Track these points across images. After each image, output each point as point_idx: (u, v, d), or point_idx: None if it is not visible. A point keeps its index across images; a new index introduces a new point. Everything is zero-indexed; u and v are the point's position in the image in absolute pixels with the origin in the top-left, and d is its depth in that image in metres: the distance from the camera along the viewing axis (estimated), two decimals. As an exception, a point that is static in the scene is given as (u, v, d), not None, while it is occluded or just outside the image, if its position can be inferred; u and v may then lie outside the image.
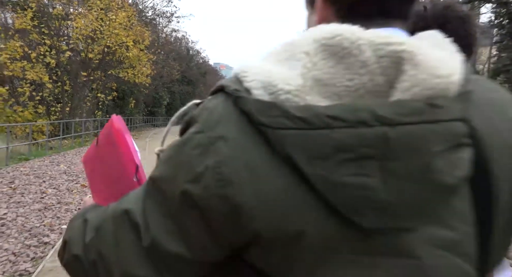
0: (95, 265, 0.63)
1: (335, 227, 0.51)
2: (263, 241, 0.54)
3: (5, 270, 3.78)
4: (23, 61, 17.67)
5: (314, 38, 0.55)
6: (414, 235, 0.53)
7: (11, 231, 4.91)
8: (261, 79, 0.55)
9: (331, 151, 0.50)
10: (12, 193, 7.03)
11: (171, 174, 0.57)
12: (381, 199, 0.50)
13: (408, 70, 0.51)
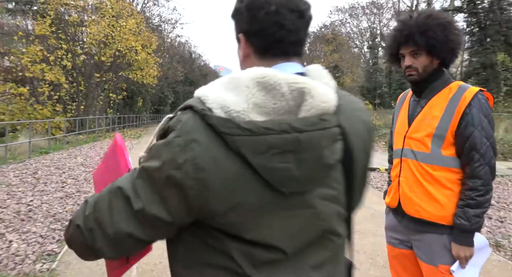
0: (92, 232, 0.81)
1: (269, 194, 0.77)
2: (222, 209, 0.76)
3: (34, 250, 3.85)
4: (43, 64, 17.62)
5: (251, 77, 0.79)
6: (312, 194, 0.82)
7: (37, 216, 4.96)
8: (218, 102, 0.78)
9: (266, 148, 0.74)
10: (36, 182, 7.08)
11: (159, 164, 0.77)
12: (295, 175, 0.77)
13: (308, 99, 0.78)
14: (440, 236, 1.67)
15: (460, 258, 1.63)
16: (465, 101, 1.61)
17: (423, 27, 1.67)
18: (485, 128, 1.60)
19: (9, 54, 18.46)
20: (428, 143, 1.68)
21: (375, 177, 8.27)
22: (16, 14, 24.75)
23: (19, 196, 6.01)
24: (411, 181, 1.73)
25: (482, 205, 1.60)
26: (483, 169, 1.59)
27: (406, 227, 1.79)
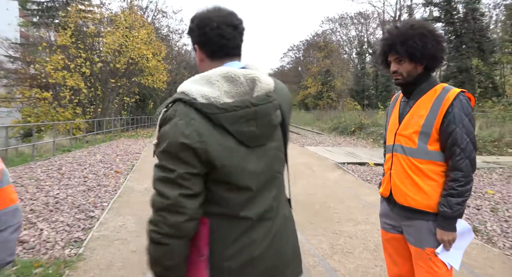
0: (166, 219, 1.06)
1: (243, 149, 1.08)
2: (219, 163, 1.04)
3: (63, 237, 3.89)
4: (64, 71, 17.64)
5: (218, 74, 1.07)
6: (267, 146, 1.15)
7: (64, 207, 4.98)
8: (199, 93, 1.05)
9: (237, 119, 1.05)
10: (61, 177, 7.10)
11: (173, 138, 1.02)
12: (257, 134, 1.09)
13: (258, 84, 1.09)
14: (427, 222, 1.70)
15: (444, 241, 1.66)
16: (448, 102, 1.63)
17: (404, 37, 1.69)
18: (465, 125, 1.61)
19: (34, 63, 18.45)
20: (415, 139, 1.70)
21: (365, 171, 8.30)
22: (40, 26, 24.71)
23: (47, 189, 6.03)
24: (401, 173, 1.76)
25: (463, 194, 1.62)
26: (463, 162, 1.61)
27: (397, 214, 1.82)
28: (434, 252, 1.68)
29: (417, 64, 1.72)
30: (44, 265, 3.18)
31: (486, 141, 11.81)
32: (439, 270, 1.68)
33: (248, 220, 1.11)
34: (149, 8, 31.41)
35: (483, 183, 6.80)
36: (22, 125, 16.92)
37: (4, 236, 1.02)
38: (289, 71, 55.50)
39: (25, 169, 7.95)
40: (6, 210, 1.03)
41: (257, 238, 1.12)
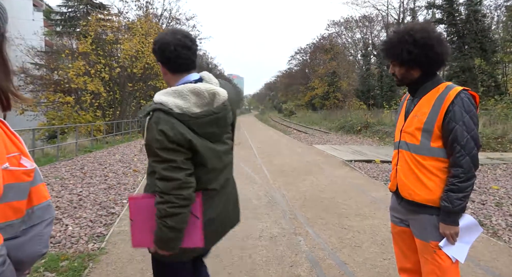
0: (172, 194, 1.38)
1: (209, 144, 1.42)
2: (199, 149, 1.37)
3: (86, 232, 3.94)
4: (85, 76, 17.86)
5: (188, 89, 1.36)
6: (224, 137, 1.52)
7: (87, 204, 5.05)
8: (174, 104, 1.34)
9: (204, 124, 1.37)
10: (84, 176, 7.19)
11: (165, 139, 1.30)
12: (218, 133, 1.45)
13: (217, 96, 1.40)
14: (431, 217, 1.68)
15: (446, 235, 1.64)
16: (449, 100, 1.61)
17: (393, 44, 1.72)
18: (466, 123, 1.58)
19: (58, 69, 18.76)
20: (418, 135, 1.68)
21: (372, 168, 8.22)
22: (63, 35, 25.13)
23: (70, 187, 6.12)
24: (406, 169, 1.74)
25: (464, 190, 1.59)
26: (463, 159, 1.58)
27: (404, 208, 1.81)
28: (437, 245, 1.66)
29: (408, 68, 1.71)
30: (70, 258, 3.23)
31: (490, 138, 11.58)
32: (444, 262, 1.65)
33: (215, 190, 1.51)
34: (163, 15, 31.61)
35: (488, 179, 6.66)
36: (47, 128, 17.22)
37: (39, 229, 1.05)
38: (297, 73, 55.23)
39: (51, 168, 8.08)
40: (40, 206, 1.06)
41: (219, 201, 1.55)
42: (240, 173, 7.67)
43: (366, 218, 4.43)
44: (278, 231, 3.98)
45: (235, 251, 3.43)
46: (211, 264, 3.13)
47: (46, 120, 19.46)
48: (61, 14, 29.12)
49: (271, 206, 5.00)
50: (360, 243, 3.62)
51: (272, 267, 3.08)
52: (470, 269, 3.02)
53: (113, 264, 3.14)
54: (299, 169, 8.01)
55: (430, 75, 1.72)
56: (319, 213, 4.64)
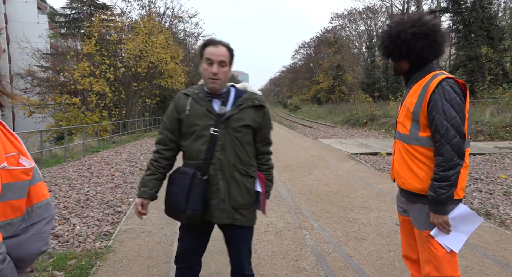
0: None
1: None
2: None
3: (93, 231, 3.97)
4: (90, 77, 17.97)
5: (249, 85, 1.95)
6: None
7: (94, 203, 5.08)
8: (187, 91, 1.86)
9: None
10: (91, 176, 7.24)
11: (171, 110, 1.86)
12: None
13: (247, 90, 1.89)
14: (424, 205, 1.69)
15: (436, 224, 1.63)
16: (431, 89, 1.60)
17: (381, 40, 1.78)
18: (445, 111, 1.56)
19: (63, 71, 18.92)
20: (408, 125, 1.69)
21: (377, 161, 8.16)
22: (68, 37, 25.35)
23: (78, 187, 6.18)
24: (399, 158, 1.76)
25: (447, 179, 1.55)
26: (443, 148, 1.56)
27: (403, 197, 1.83)
28: (429, 234, 1.67)
29: (396, 61, 1.76)
30: (78, 256, 3.26)
31: (498, 126, 11.41)
32: (437, 252, 1.65)
33: None
34: (166, 14, 31.66)
35: (495, 168, 6.57)
36: (55, 129, 17.41)
37: (39, 227, 1.06)
38: (301, 68, 54.97)
39: (59, 169, 8.17)
40: (40, 204, 1.07)
41: None
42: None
43: (371, 211, 4.41)
44: (283, 225, 3.98)
45: (241, 246, 3.43)
46: (216, 259, 3.15)
47: (54, 122, 19.68)
48: (65, 16, 29.35)
49: (276, 200, 5.00)
50: (366, 236, 3.60)
51: (277, 261, 3.08)
52: (477, 258, 2.99)
53: (120, 262, 3.17)
54: (305, 164, 7.99)
55: (421, 66, 1.70)
56: (325, 207, 4.63)
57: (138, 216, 1.91)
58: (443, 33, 1.68)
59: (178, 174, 1.78)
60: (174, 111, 1.82)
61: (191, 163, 1.77)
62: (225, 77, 1.74)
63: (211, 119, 1.73)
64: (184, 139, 1.80)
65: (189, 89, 1.85)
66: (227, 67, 1.74)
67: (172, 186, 1.78)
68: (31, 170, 1.02)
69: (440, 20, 25.45)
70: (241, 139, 1.75)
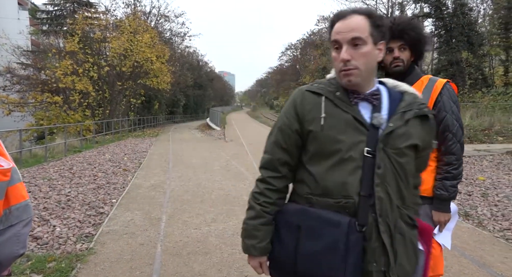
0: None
1: None
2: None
3: (74, 233, 3.89)
4: (73, 75, 17.66)
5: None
6: None
7: (75, 205, 4.98)
8: (315, 88, 1.16)
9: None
10: (72, 176, 7.10)
11: (287, 119, 1.19)
12: None
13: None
14: (423, 206, 1.69)
15: (440, 222, 1.67)
16: (437, 91, 1.64)
17: (412, 25, 1.67)
18: (454, 112, 1.63)
19: (45, 69, 18.49)
20: None
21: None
22: (50, 34, 24.75)
23: (59, 188, 6.04)
24: None
25: (457, 177, 1.63)
26: (455, 146, 1.62)
27: None
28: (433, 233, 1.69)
29: (411, 53, 1.70)
30: (57, 259, 3.19)
31: (477, 129, 11.75)
32: (435, 251, 1.68)
33: None
34: (152, 13, 31.34)
35: (474, 170, 6.77)
36: (35, 128, 16.98)
37: (17, 229, 1.03)
38: (288, 70, 55.25)
39: (39, 169, 7.97)
40: (18, 206, 1.04)
41: None
42: (232, 170, 7.67)
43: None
44: (267, 226, 3.99)
45: (225, 248, 3.43)
46: (200, 261, 3.14)
47: (34, 121, 19.18)
48: (47, 12, 28.64)
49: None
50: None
51: (261, 263, 3.09)
52: (456, 258, 3.07)
53: (102, 264, 3.11)
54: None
55: (413, 66, 1.74)
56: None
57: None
58: (430, 37, 1.76)
59: (311, 218, 1.08)
60: (294, 120, 1.16)
61: (327, 202, 1.08)
62: (366, 64, 1.08)
63: (362, 133, 1.08)
64: (314, 162, 1.13)
65: (317, 85, 1.18)
66: (368, 46, 1.07)
67: (303, 238, 1.08)
68: (9, 170, 1.00)
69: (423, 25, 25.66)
70: (406, 166, 1.10)
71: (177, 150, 11.59)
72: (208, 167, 8.16)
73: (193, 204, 5.00)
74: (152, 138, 17.05)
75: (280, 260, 1.16)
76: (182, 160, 9.39)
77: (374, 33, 1.08)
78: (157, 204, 5.01)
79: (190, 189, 5.97)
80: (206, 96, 51.65)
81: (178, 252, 3.34)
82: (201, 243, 3.57)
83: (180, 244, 3.53)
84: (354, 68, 1.07)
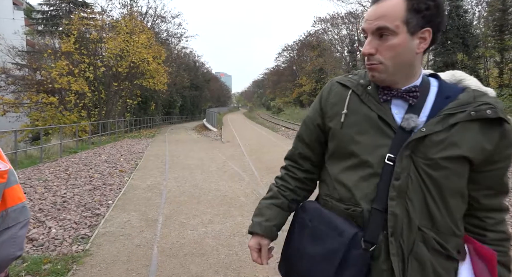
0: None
1: None
2: None
3: (70, 234, 3.87)
4: (69, 76, 17.54)
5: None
6: None
7: (71, 206, 4.96)
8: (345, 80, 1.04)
9: None
10: (68, 177, 7.07)
11: (312, 109, 1.10)
12: None
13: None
14: None
15: None
16: None
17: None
18: None
19: (40, 69, 18.38)
20: None
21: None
22: (45, 34, 24.66)
23: (54, 189, 6.01)
24: None
25: None
26: None
27: None
28: None
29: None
30: (53, 261, 3.17)
31: (472, 131, 11.83)
32: None
33: None
34: (148, 13, 31.30)
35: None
36: (30, 129, 16.87)
37: (14, 231, 1.03)
38: (284, 70, 55.36)
39: (34, 170, 7.92)
40: (15, 208, 1.04)
41: None
42: (228, 171, 7.67)
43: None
44: (264, 227, 3.99)
45: (222, 249, 3.43)
46: (197, 263, 3.14)
47: (29, 121, 19.06)
48: (43, 12, 28.50)
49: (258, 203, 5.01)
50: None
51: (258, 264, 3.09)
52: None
53: (98, 266, 3.10)
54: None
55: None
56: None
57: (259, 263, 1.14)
58: None
59: (321, 221, 1.00)
60: (317, 114, 1.07)
61: (339, 207, 0.98)
62: (395, 58, 0.89)
63: (386, 136, 0.93)
64: (332, 162, 1.04)
65: (351, 76, 1.04)
66: (399, 37, 0.87)
67: (307, 238, 1.01)
68: (6, 172, 1.00)
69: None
70: (442, 181, 0.89)
71: (173, 151, 11.56)
72: (204, 168, 8.15)
73: (190, 205, 4.99)
74: (148, 139, 17.00)
75: (287, 255, 1.09)
76: (178, 161, 9.38)
77: (412, 19, 0.87)
78: (153, 205, 5.00)
79: (187, 190, 5.96)
80: (202, 97, 51.62)
81: (174, 254, 3.34)
82: (197, 244, 3.57)
83: (176, 246, 3.53)
84: (378, 63, 0.91)
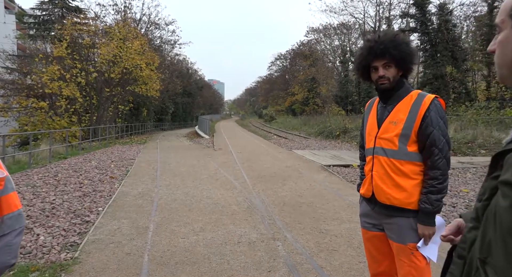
0: None
1: None
2: None
3: (59, 242, 3.81)
4: (60, 81, 17.44)
5: None
6: None
7: (60, 213, 4.89)
8: None
9: None
10: (57, 183, 6.96)
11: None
12: None
13: None
14: (407, 219, 1.72)
15: (425, 236, 1.69)
16: (425, 106, 1.68)
17: (396, 42, 1.72)
18: (441, 128, 1.67)
19: (31, 74, 18.21)
20: (396, 141, 1.72)
21: (349, 173, 8.36)
22: (37, 39, 24.50)
23: (43, 195, 5.91)
24: (382, 174, 1.77)
25: (442, 191, 1.66)
26: (441, 161, 1.65)
27: (378, 213, 1.82)
28: (415, 247, 1.71)
29: (399, 69, 1.76)
30: (41, 269, 3.12)
31: (461, 142, 12.03)
32: (420, 263, 1.70)
33: None
34: (142, 20, 31.38)
35: (458, 182, 6.92)
36: (19, 134, 16.62)
37: (9, 239, 1.03)
38: (277, 79, 55.73)
39: (22, 176, 7.79)
40: (11, 215, 1.04)
41: None
42: (220, 179, 7.65)
43: (343, 222, 4.51)
44: (256, 236, 3.99)
45: (213, 258, 3.41)
46: (188, 271, 3.11)
47: (18, 126, 18.78)
48: (35, 17, 28.33)
49: (250, 211, 5.01)
50: (337, 247, 3.68)
51: (250, 273, 3.08)
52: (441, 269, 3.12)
53: (87, 274, 3.05)
54: (279, 174, 8.06)
55: (402, 81, 1.80)
56: (298, 218, 4.68)
57: None
58: (416, 50, 1.82)
59: None
60: None
61: None
62: (501, 56, 0.72)
63: None
64: None
65: None
66: (504, 32, 0.71)
67: None
68: (3, 179, 1.00)
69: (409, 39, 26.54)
70: None
71: (165, 158, 11.49)
72: (196, 175, 8.12)
73: (181, 213, 4.96)
74: (140, 145, 16.86)
75: None
76: (170, 168, 9.32)
77: None
78: (144, 213, 4.96)
79: (178, 197, 5.92)
80: (195, 104, 51.55)
81: (165, 262, 3.31)
82: (189, 252, 3.54)
83: (167, 254, 3.49)
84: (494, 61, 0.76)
